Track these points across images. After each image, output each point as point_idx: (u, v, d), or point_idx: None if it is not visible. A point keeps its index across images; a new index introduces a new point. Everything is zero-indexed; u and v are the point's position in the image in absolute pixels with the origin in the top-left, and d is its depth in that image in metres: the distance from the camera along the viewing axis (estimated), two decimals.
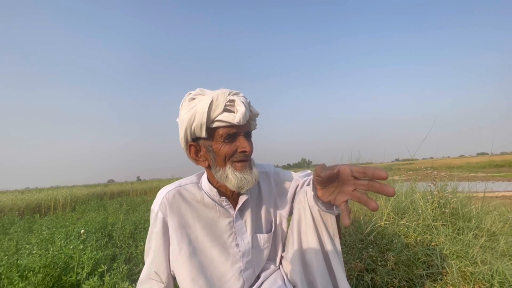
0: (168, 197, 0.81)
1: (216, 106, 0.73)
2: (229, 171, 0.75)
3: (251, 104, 0.80)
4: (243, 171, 0.76)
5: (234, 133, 0.75)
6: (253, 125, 0.83)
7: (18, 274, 1.41)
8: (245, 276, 0.82)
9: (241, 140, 0.76)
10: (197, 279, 0.77)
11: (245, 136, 0.77)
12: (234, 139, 0.76)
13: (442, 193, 2.11)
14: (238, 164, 0.76)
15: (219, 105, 0.73)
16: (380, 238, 1.81)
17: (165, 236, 0.80)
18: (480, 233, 1.74)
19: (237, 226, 0.84)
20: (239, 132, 0.76)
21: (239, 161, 0.76)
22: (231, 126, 0.74)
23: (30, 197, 8.51)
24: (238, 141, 0.76)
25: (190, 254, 0.78)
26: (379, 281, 1.31)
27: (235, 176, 0.75)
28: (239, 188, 0.76)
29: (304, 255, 0.78)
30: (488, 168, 10.48)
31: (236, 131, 0.75)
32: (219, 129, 0.74)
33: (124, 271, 1.57)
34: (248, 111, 0.75)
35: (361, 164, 4.93)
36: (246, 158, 0.77)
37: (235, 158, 0.76)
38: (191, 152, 0.81)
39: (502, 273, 1.18)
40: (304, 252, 0.78)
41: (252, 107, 0.80)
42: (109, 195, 10.86)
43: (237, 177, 0.75)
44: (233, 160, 0.76)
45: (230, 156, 0.76)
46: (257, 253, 0.87)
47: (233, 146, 0.75)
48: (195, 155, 0.81)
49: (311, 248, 0.76)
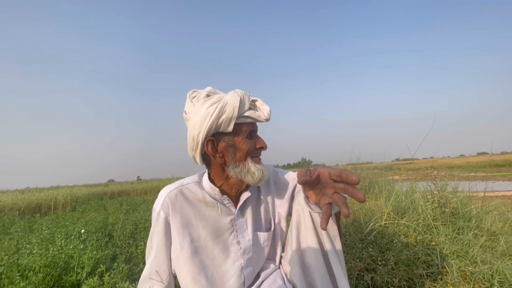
0: (170, 197, 0.81)
1: (244, 103, 0.78)
2: (251, 164, 0.80)
3: None
4: (261, 165, 0.82)
5: (253, 130, 0.82)
6: None
7: (18, 274, 1.42)
8: (246, 273, 0.83)
9: (257, 138, 0.83)
10: (198, 278, 0.78)
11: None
12: (252, 136, 0.82)
13: (442, 193, 2.11)
14: (257, 159, 0.82)
15: (245, 102, 0.78)
16: (380, 237, 1.81)
17: (167, 235, 0.81)
18: (480, 233, 1.74)
19: (238, 223, 0.85)
20: (256, 130, 0.83)
21: (256, 156, 0.82)
22: (253, 123, 0.81)
23: (30, 196, 8.51)
24: (256, 138, 0.83)
25: (192, 253, 0.79)
26: (379, 280, 1.31)
27: (257, 168, 0.80)
28: (260, 180, 0.80)
29: (304, 257, 0.77)
30: (488, 168, 10.47)
31: (254, 129, 0.82)
32: (243, 125, 0.79)
33: (124, 271, 1.57)
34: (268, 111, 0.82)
35: (361, 164, 4.93)
36: (259, 155, 0.84)
37: (254, 153, 0.82)
38: (208, 147, 0.79)
39: (502, 272, 1.18)
40: (304, 254, 0.77)
41: None
42: (109, 195, 10.85)
43: (259, 169, 0.80)
44: (252, 155, 0.81)
45: (251, 151, 0.81)
46: (257, 251, 0.87)
47: (253, 143, 0.81)
48: (212, 150, 0.80)
49: (310, 250, 0.76)
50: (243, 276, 0.83)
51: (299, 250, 0.78)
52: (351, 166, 4.57)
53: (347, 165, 4.74)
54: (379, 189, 3.08)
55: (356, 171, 4.22)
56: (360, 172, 4.11)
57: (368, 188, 3.63)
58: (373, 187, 3.35)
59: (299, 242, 0.79)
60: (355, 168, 4.44)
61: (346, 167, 4.54)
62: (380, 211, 2.29)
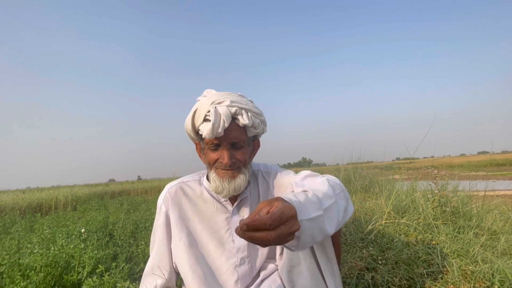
0: (171, 192, 0.88)
1: (199, 116, 0.77)
2: (212, 176, 0.81)
3: (241, 110, 0.77)
4: (223, 179, 0.79)
5: (217, 144, 0.78)
6: (251, 131, 0.82)
7: (19, 273, 1.42)
8: (239, 271, 0.84)
9: (222, 151, 0.79)
10: (195, 268, 0.82)
11: (231, 145, 0.79)
12: (218, 148, 0.80)
13: (442, 192, 2.10)
14: (221, 171, 0.80)
15: (201, 115, 0.76)
16: (380, 237, 1.81)
17: (167, 228, 0.87)
18: (481, 232, 1.74)
19: (233, 221, 0.87)
20: (221, 143, 0.78)
21: (222, 169, 0.80)
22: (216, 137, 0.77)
23: (31, 196, 8.53)
24: (221, 151, 0.79)
25: (189, 245, 0.84)
26: (379, 279, 1.31)
27: (214, 182, 0.80)
28: (217, 193, 0.82)
29: (294, 267, 0.78)
30: (489, 167, 10.46)
31: (218, 142, 0.78)
32: (205, 138, 0.78)
33: (125, 270, 1.58)
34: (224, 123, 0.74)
35: (362, 163, 4.92)
36: (227, 168, 0.79)
37: (217, 166, 0.81)
38: (197, 149, 0.90)
39: (503, 271, 1.18)
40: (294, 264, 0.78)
41: (243, 115, 0.77)
42: (110, 195, 10.86)
43: (216, 183, 0.80)
44: (216, 167, 0.81)
45: (213, 163, 0.81)
46: (253, 250, 0.88)
47: (217, 155, 0.80)
48: (200, 152, 0.88)
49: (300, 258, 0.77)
50: (237, 274, 0.84)
51: (289, 259, 0.79)
52: (351, 165, 4.56)
53: (347, 164, 4.74)
54: (380, 188, 3.08)
55: (356, 171, 4.22)
56: (361, 172, 4.11)
57: (368, 188, 3.63)
58: (374, 187, 3.35)
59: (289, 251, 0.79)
60: (356, 168, 4.43)
61: (346, 166, 4.53)
62: (380, 210, 2.29)
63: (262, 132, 0.87)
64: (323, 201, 0.62)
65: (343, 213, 0.67)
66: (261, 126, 0.84)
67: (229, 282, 0.83)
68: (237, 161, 0.80)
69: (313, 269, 0.75)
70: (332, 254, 0.78)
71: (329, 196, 0.65)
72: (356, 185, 3.73)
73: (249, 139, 0.85)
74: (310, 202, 0.59)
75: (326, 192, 0.65)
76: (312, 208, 0.58)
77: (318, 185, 0.70)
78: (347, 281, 1.34)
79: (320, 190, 0.66)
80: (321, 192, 0.65)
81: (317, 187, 0.68)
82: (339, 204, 0.67)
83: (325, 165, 10.16)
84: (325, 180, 0.73)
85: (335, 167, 5.38)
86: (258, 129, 0.83)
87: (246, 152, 0.82)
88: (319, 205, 0.60)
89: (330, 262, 0.77)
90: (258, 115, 0.81)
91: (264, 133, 0.90)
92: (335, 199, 0.66)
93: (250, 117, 0.78)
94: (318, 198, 0.62)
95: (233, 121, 0.78)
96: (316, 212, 0.58)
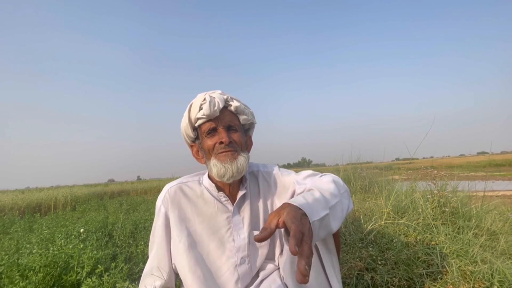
0: (170, 192, 0.88)
1: (195, 107, 0.83)
2: (213, 162, 0.82)
3: (231, 98, 0.87)
4: (224, 161, 0.81)
5: (214, 127, 0.83)
6: (242, 119, 0.89)
7: (18, 274, 1.42)
8: (240, 271, 0.84)
9: (219, 133, 0.83)
10: (195, 269, 0.81)
11: (227, 128, 0.84)
12: (215, 133, 0.84)
13: (442, 192, 2.10)
14: (221, 155, 0.82)
15: (197, 106, 0.83)
16: (380, 237, 1.81)
17: (167, 229, 0.86)
18: (480, 232, 1.74)
19: (234, 221, 0.87)
20: (218, 126, 0.84)
21: (221, 152, 0.82)
22: (209, 121, 0.83)
23: (30, 196, 8.52)
24: (218, 134, 0.83)
25: (189, 246, 0.83)
26: (379, 280, 1.31)
27: (216, 165, 0.81)
28: (220, 177, 0.82)
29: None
30: (488, 167, 10.47)
31: (215, 126, 0.83)
32: (202, 126, 0.85)
33: (125, 271, 1.57)
34: (219, 104, 0.82)
35: (361, 163, 4.92)
36: (227, 149, 0.82)
37: (217, 150, 0.83)
38: (193, 152, 0.92)
39: (502, 272, 1.18)
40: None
41: (234, 101, 0.87)
42: (109, 195, 10.85)
43: (217, 166, 0.81)
44: (216, 152, 0.83)
45: (212, 148, 0.83)
46: (253, 250, 0.88)
47: (215, 139, 0.83)
48: (196, 154, 0.92)
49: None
50: (237, 274, 0.84)
51: (293, 259, 0.78)
52: (351, 165, 4.56)
53: (347, 164, 4.73)
54: (379, 188, 3.08)
55: (356, 171, 4.22)
56: (360, 172, 4.11)
57: (368, 188, 3.63)
58: (373, 187, 3.35)
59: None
60: (355, 168, 4.43)
61: (346, 167, 4.53)
62: (380, 210, 2.29)
63: (252, 122, 0.93)
64: (329, 200, 0.67)
65: (346, 211, 0.72)
66: (251, 116, 0.91)
67: (229, 282, 0.83)
68: (235, 143, 0.84)
69: (314, 260, 0.75)
70: (332, 246, 0.78)
71: (335, 195, 0.70)
72: (356, 185, 3.73)
73: (242, 128, 0.91)
74: (318, 201, 0.64)
75: (332, 191, 0.71)
76: (320, 207, 0.62)
77: (324, 184, 0.75)
78: (346, 282, 1.34)
79: (326, 189, 0.71)
80: (327, 191, 0.70)
81: (323, 186, 0.73)
82: (343, 202, 0.71)
83: (324, 165, 10.18)
84: (330, 179, 0.78)
85: (334, 168, 5.37)
86: (249, 117, 0.90)
87: (241, 136, 0.87)
88: (325, 204, 0.64)
89: (330, 253, 0.77)
90: (246, 106, 0.91)
91: (256, 130, 0.98)
92: (340, 198, 0.71)
93: (241, 104, 0.88)
94: (325, 197, 0.66)
95: (226, 108, 0.86)
96: (324, 211, 0.62)
